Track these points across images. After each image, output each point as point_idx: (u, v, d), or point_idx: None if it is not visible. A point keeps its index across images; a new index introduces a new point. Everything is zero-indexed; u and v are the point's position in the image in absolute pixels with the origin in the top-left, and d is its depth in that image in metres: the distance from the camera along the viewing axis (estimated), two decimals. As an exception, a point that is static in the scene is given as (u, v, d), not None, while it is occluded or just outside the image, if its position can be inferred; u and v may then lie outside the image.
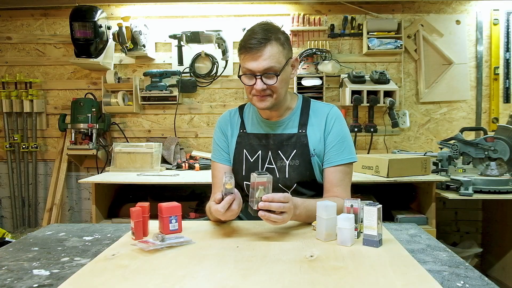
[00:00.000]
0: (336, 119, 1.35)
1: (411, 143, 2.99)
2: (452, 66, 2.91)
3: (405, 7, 2.93)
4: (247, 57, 1.22)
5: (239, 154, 1.39)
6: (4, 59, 3.06)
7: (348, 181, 1.35)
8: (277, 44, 1.22)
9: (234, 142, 1.41)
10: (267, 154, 1.36)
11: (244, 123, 1.42)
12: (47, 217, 2.86)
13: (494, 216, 2.79)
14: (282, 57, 1.23)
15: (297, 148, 1.33)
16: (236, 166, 1.40)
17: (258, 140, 1.38)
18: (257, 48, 1.19)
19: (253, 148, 1.37)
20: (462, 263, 0.93)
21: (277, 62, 1.22)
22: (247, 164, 1.37)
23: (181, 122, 3.05)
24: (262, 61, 1.20)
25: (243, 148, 1.39)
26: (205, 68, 2.97)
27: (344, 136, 1.35)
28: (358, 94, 2.75)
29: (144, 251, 1.00)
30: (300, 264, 0.91)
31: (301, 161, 1.33)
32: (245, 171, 1.37)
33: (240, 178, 1.39)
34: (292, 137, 1.34)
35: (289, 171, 1.34)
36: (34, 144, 3.01)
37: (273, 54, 1.21)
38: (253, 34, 1.21)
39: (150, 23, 2.93)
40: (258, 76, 1.22)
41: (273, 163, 1.35)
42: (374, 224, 1.01)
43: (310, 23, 2.88)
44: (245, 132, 1.40)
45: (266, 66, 1.20)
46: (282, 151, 1.34)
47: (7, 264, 0.95)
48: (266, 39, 1.20)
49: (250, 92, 1.27)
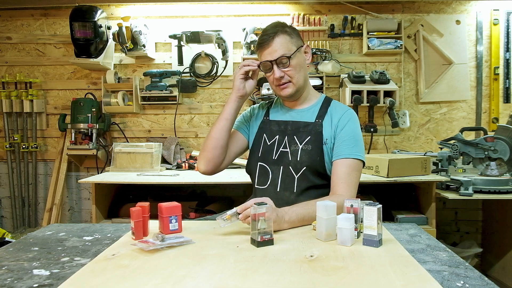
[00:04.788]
0: (350, 119, 1.43)
1: (411, 143, 2.99)
2: (452, 66, 2.91)
3: (405, 7, 2.93)
4: (261, 50, 1.40)
5: (259, 138, 1.52)
6: (4, 59, 3.06)
7: (354, 178, 1.36)
8: (284, 35, 1.37)
9: (257, 127, 1.54)
10: (284, 139, 1.46)
11: (269, 112, 1.56)
12: (47, 217, 2.86)
13: (494, 216, 2.79)
14: (291, 45, 1.38)
15: (312, 135, 1.42)
16: (254, 148, 1.52)
17: (278, 126, 1.49)
18: (268, 41, 1.37)
19: (272, 133, 1.49)
20: (462, 263, 0.93)
21: (287, 49, 1.37)
22: (264, 146, 1.49)
23: (181, 122, 3.05)
24: (273, 51, 1.36)
25: (264, 133, 1.51)
26: (205, 68, 2.97)
27: (356, 135, 1.41)
28: (358, 94, 2.75)
29: (144, 251, 1.00)
30: (300, 264, 0.91)
31: (314, 147, 1.40)
32: (261, 152, 1.48)
33: (255, 159, 1.50)
34: (309, 125, 1.44)
35: (301, 155, 1.41)
36: (34, 144, 3.01)
37: (282, 43, 1.36)
38: (263, 32, 1.40)
39: (150, 23, 2.93)
40: (273, 64, 1.37)
41: (288, 146, 1.44)
42: (374, 224, 1.01)
43: (310, 23, 2.88)
44: (268, 119, 1.54)
45: (278, 54, 1.36)
46: (298, 136, 1.44)
47: (7, 264, 0.95)
48: (274, 33, 1.37)
49: (273, 83, 1.42)
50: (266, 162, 1.46)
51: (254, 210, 1.03)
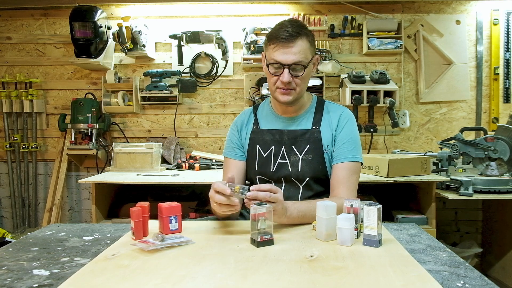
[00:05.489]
0: (348, 120, 1.39)
1: (411, 143, 2.99)
2: (452, 66, 2.91)
3: (405, 7, 2.93)
4: (277, 47, 1.25)
5: (253, 150, 1.43)
6: (4, 59, 3.06)
7: (354, 180, 1.35)
8: (307, 40, 1.27)
9: (248, 138, 1.45)
10: (280, 149, 1.39)
11: (258, 120, 1.46)
12: (47, 217, 2.86)
13: (494, 216, 2.79)
14: (309, 53, 1.28)
15: (311, 143, 1.37)
16: (249, 161, 1.45)
17: (271, 135, 1.41)
18: (289, 40, 1.23)
19: (266, 144, 1.41)
20: (462, 263, 0.93)
21: (305, 57, 1.26)
22: (260, 159, 1.41)
23: (181, 122, 3.05)
24: (292, 54, 1.24)
25: (256, 144, 1.43)
26: (205, 68, 2.97)
27: (354, 137, 1.38)
28: (358, 94, 2.75)
29: (144, 251, 1.00)
30: (300, 264, 0.91)
31: (314, 156, 1.36)
32: (257, 166, 1.41)
33: (253, 173, 1.43)
34: (306, 133, 1.38)
35: (302, 165, 1.36)
36: (34, 144, 3.01)
37: (303, 48, 1.25)
38: (284, 27, 1.25)
39: (150, 23, 2.93)
40: (286, 67, 1.25)
41: (287, 158, 1.38)
42: (374, 224, 1.01)
43: (310, 23, 2.88)
44: (258, 128, 1.45)
45: (295, 59, 1.25)
46: (296, 146, 1.37)
47: (7, 264, 0.95)
48: (298, 33, 1.24)
49: (275, 84, 1.31)
50: (264, 175, 1.41)
51: (254, 210, 1.03)
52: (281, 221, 1.18)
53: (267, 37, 1.30)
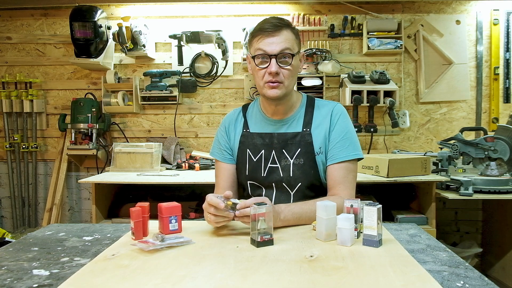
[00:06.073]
0: (340, 116, 1.35)
1: (411, 143, 2.99)
2: (452, 66, 2.91)
3: (405, 7, 2.93)
4: (262, 38, 1.24)
5: (243, 154, 1.40)
6: (4, 59, 3.06)
7: (351, 178, 1.33)
8: (291, 31, 1.27)
9: (237, 142, 1.42)
10: (271, 153, 1.35)
11: (247, 123, 1.42)
12: (47, 217, 2.86)
13: (494, 216, 2.79)
14: (295, 45, 1.27)
15: (302, 147, 1.33)
16: (240, 165, 1.41)
17: (261, 139, 1.37)
18: (274, 29, 1.23)
19: (256, 148, 1.37)
20: (462, 263, 0.93)
21: (291, 46, 1.25)
22: (250, 163, 1.38)
23: (181, 122, 3.05)
24: (278, 43, 1.23)
25: (247, 148, 1.39)
26: (205, 68, 2.97)
27: (348, 132, 1.34)
28: (358, 94, 2.75)
29: (144, 251, 1.00)
30: (300, 264, 0.91)
31: (306, 160, 1.33)
32: (248, 171, 1.38)
33: (244, 177, 1.40)
34: (296, 136, 1.34)
35: (293, 170, 1.33)
36: (34, 144, 3.01)
37: (288, 38, 1.25)
38: (267, 20, 1.26)
39: (150, 23, 2.93)
40: (273, 57, 1.23)
41: (277, 162, 1.35)
42: (374, 224, 1.01)
43: (310, 23, 2.88)
44: (248, 131, 1.41)
45: (282, 47, 1.23)
46: (286, 150, 1.34)
47: (7, 264, 0.95)
48: (282, 24, 1.25)
49: (262, 79, 1.28)
50: (255, 180, 1.38)
51: (254, 210, 1.03)
52: (275, 225, 1.17)
53: (251, 34, 1.29)
